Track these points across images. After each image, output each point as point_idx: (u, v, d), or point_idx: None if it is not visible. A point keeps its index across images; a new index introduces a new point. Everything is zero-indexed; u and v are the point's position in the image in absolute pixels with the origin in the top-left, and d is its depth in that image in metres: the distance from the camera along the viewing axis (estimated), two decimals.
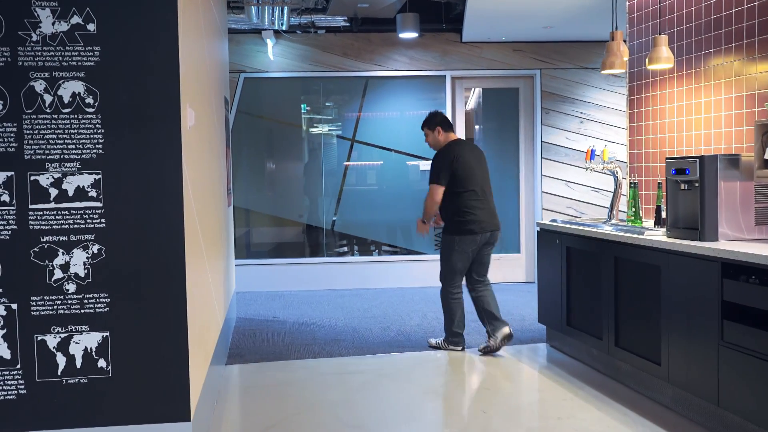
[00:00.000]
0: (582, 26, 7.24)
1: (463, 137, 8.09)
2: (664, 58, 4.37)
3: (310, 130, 8.06)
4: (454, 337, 5.20)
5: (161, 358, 2.89)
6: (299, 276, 7.86)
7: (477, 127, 8.43)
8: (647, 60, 4.46)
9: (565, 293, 4.92)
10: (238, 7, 6.75)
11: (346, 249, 8.14)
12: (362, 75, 7.92)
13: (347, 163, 8.04)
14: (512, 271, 8.10)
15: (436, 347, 5.24)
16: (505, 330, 5.02)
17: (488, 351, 5.04)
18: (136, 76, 2.84)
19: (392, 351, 5.17)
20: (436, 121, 5.25)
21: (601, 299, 4.45)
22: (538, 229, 5.31)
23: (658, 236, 3.97)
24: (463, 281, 5.20)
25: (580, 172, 7.88)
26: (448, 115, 7.92)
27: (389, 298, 7.27)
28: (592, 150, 5.00)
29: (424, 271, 7.75)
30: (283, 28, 7.36)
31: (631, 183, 4.69)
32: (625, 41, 5.41)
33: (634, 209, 4.62)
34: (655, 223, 4.40)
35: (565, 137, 8.01)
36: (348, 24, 7.61)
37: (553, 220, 5.23)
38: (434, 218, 5.23)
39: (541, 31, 7.44)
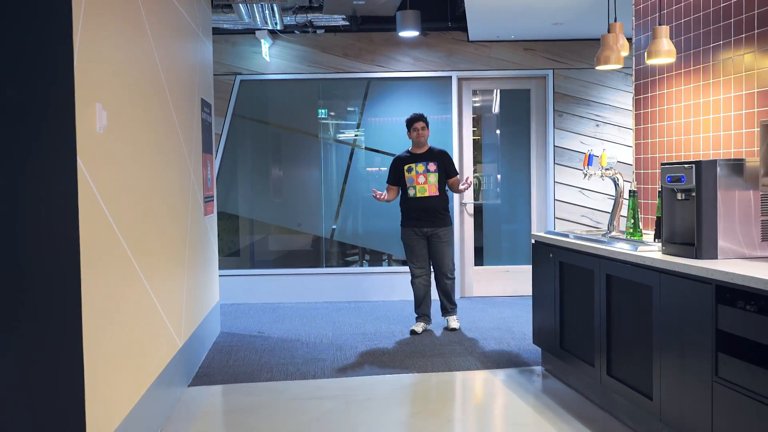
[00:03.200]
0: (596, 23, 6.73)
1: (471, 141, 7.66)
2: (664, 52, 3.89)
3: (309, 134, 7.70)
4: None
5: (52, 392, 2.54)
6: (298, 287, 7.51)
7: (498, 131, 7.99)
8: (646, 54, 3.99)
9: (558, 313, 4.46)
10: (226, 6, 6.44)
11: (356, 258, 7.78)
12: (363, 76, 7.55)
13: (348, 169, 7.67)
14: (522, 283, 7.62)
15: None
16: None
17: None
18: (24, 71, 2.50)
19: (372, 373, 4.77)
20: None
21: (593, 321, 3.98)
22: (533, 241, 4.87)
23: (651, 252, 3.50)
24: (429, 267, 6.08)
25: (595, 178, 7.35)
26: (455, 119, 7.50)
27: (388, 311, 6.87)
28: (590, 155, 4.54)
29: None
30: (278, 27, 7.03)
31: (630, 191, 4.22)
32: (630, 39, 4.95)
33: (633, 220, 4.15)
34: (655, 237, 3.92)
35: (580, 141, 7.52)
36: (348, 23, 7.25)
37: (548, 232, 4.78)
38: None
39: (552, 28, 6.98)
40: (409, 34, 6.99)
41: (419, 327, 5.97)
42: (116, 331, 3.00)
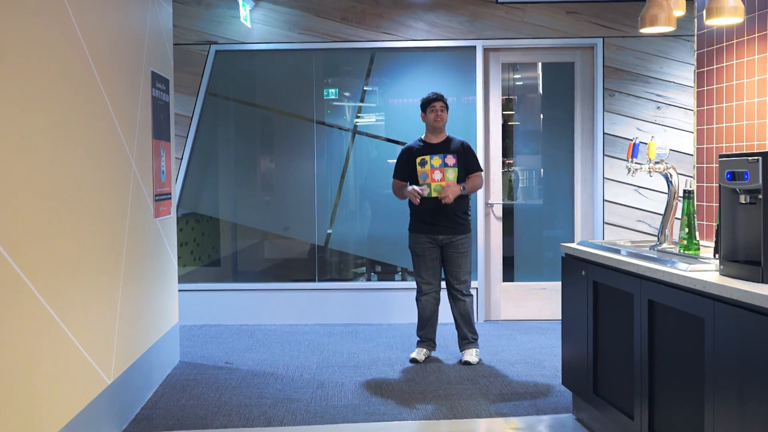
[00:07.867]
0: None
1: (499, 127, 7.32)
2: (729, 9, 3.53)
3: (301, 117, 7.40)
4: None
5: None
6: (283, 306, 7.22)
7: (541, 116, 7.65)
8: (705, 12, 3.61)
9: (591, 347, 4.10)
10: None
11: (363, 270, 7.49)
12: (367, 46, 7.24)
13: (347, 160, 7.37)
14: None
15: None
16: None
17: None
18: None
19: (355, 419, 4.46)
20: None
21: (633, 360, 3.62)
22: (563, 254, 4.51)
23: (705, 273, 3.13)
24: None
25: (642, 173, 6.94)
26: (481, 98, 7.16)
27: (390, 337, 6.55)
28: (635, 144, 4.17)
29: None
30: None
31: (685, 191, 3.84)
32: None
33: (687, 229, 3.77)
34: (715, 251, 3.55)
35: (636, 127, 7.12)
36: None
37: (582, 242, 4.42)
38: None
39: None
40: None
41: (420, 354, 5.79)
42: None
